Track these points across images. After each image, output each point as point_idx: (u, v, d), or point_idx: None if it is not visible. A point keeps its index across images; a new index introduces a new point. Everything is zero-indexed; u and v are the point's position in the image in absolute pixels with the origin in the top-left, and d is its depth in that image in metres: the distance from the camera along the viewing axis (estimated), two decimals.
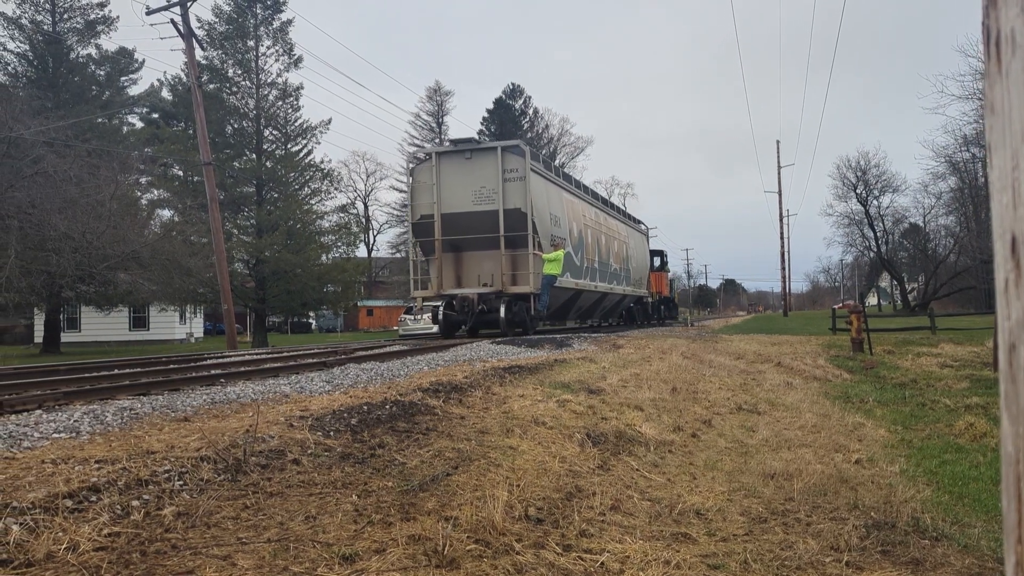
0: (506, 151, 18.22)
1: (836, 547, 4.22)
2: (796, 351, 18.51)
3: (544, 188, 19.12)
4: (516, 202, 17.83)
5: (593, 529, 4.16)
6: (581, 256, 22.18)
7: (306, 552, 3.28)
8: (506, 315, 17.60)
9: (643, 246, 34.27)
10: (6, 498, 3.37)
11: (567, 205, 21.31)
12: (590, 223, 23.82)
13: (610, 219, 27.64)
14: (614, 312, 30.63)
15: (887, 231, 60.62)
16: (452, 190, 18.41)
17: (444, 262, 18.78)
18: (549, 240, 18.59)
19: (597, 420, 7.15)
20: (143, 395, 7.41)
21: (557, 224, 19.81)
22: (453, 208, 18.38)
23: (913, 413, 10.62)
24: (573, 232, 21.49)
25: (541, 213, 18.40)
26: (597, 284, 24.07)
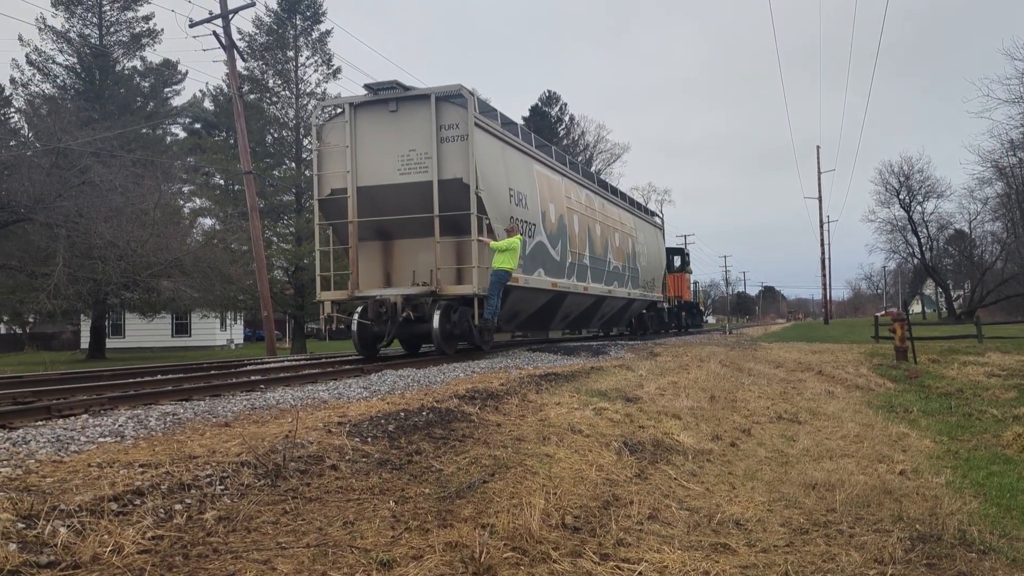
0: (443, 101, 13.27)
1: (880, 560, 4.13)
2: (837, 359, 18.21)
3: (498, 153, 14.28)
4: (455, 170, 13.01)
5: (630, 538, 4.12)
6: (562, 249, 17.34)
7: (344, 558, 3.31)
8: (442, 325, 12.94)
9: (657, 242, 28.93)
10: (54, 501, 3.44)
11: (542, 182, 16.53)
12: (578, 208, 18.99)
13: (610, 206, 22.54)
14: (619, 320, 25.78)
15: (931, 237, 59.36)
16: (372, 155, 13.57)
17: (366, 253, 14.09)
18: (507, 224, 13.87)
19: (634, 428, 7.11)
20: (185, 400, 7.53)
21: (522, 204, 14.99)
22: (373, 179, 13.55)
23: (959, 423, 10.38)
24: (550, 217, 16.60)
25: (493, 186, 13.60)
26: (589, 285, 19.24)
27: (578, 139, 71.58)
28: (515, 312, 15.66)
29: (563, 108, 71.21)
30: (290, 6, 41.68)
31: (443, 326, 13.04)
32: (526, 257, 14.73)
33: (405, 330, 13.47)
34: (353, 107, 13.78)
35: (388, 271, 14.30)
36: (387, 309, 13.12)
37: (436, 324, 12.89)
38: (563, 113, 71.21)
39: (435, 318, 12.89)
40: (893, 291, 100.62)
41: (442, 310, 13.01)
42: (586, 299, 19.73)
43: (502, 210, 13.94)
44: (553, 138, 63.54)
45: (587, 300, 19.89)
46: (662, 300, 29.26)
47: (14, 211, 23.52)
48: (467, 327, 13.37)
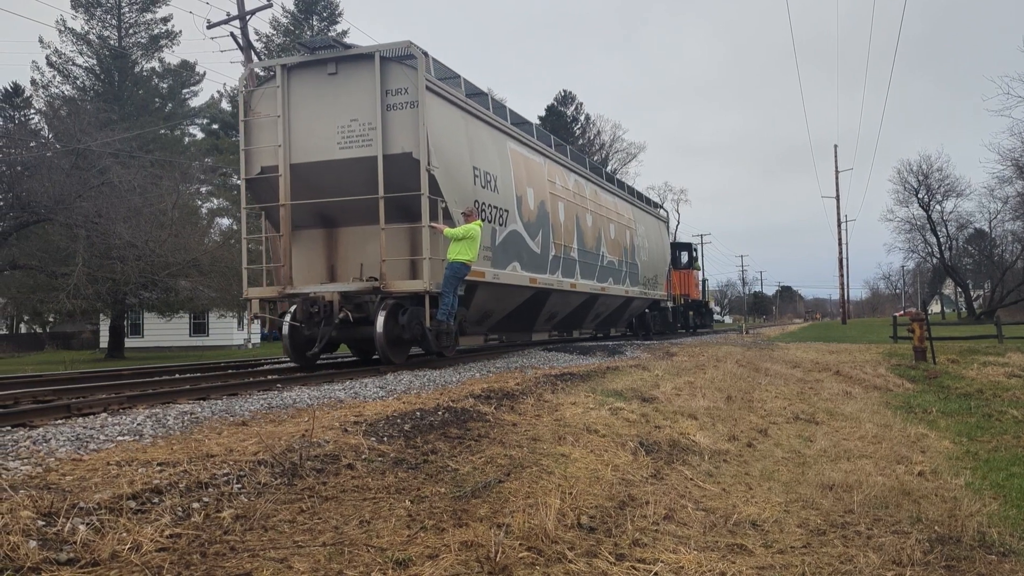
0: (390, 62, 11.30)
1: (898, 562, 4.10)
2: (855, 360, 18.09)
3: (460, 126, 12.33)
4: (404, 143, 11.06)
5: (646, 538, 4.11)
6: (544, 240, 15.27)
7: (360, 556, 3.32)
8: (387, 328, 10.92)
9: (660, 235, 26.79)
10: (74, 498, 3.48)
11: (518, 162, 14.39)
12: (564, 195, 16.91)
13: (604, 194, 20.47)
14: (616, 320, 23.71)
15: (951, 236, 58.81)
16: (309, 126, 11.63)
17: (305, 244, 12.26)
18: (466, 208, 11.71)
19: (650, 428, 7.09)
20: (203, 399, 7.58)
21: (491, 186, 12.96)
22: (309, 155, 11.58)
23: (979, 424, 10.29)
24: (527, 203, 14.53)
25: (451, 163, 11.72)
26: (577, 282, 17.25)
27: (594, 138, 71.53)
28: (486, 312, 13.81)
29: (579, 108, 71.20)
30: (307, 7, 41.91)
31: (388, 329, 10.98)
32: (496, 248, 12.95)
33: (346, 334, 11.60)
34: (286, 69, 11.71)
35: (332, 264, 12.23)
36: (320, 309, 11.05)
37: (379, 327, 10.82)
38: (579, 112, 71.21)
39: (379, 319, 10.85)
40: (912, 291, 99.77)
41: (388, 310, 10.98)
42: (575, 297, 17.70)
43: (463, 192, 11.98)
44: (569, 137, 63.50)
45: (576, 298, 17.92)
46: (666, 299, 27.28)
47: (35, 212, 23.76)
48: (419, 330, 11.22)
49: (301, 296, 11.36)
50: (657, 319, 27.32)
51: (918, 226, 58.41)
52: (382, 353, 11.13)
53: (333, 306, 11.07)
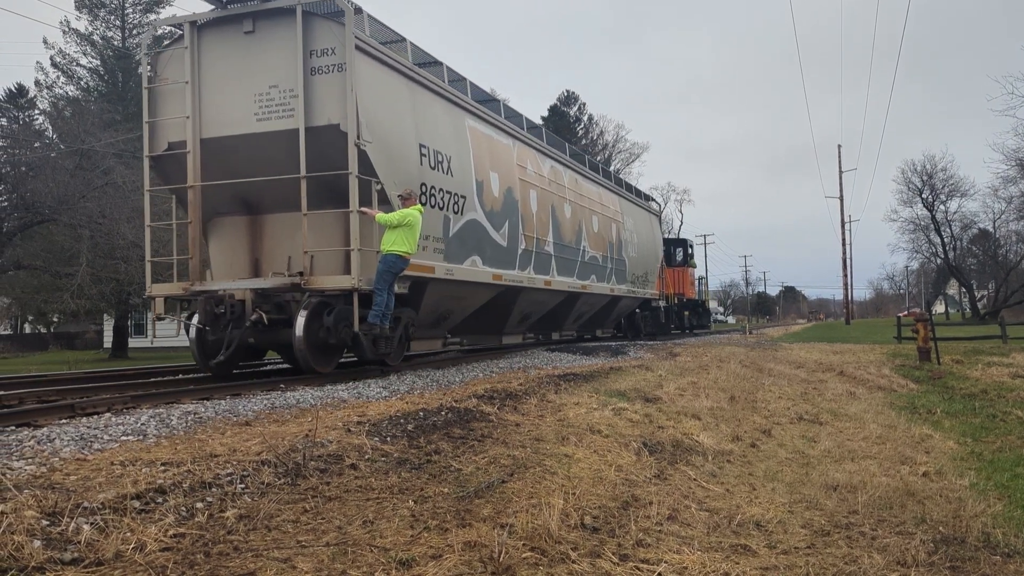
0: (314, 17, 9.73)
1: (903, 562, 4.10)
2: (859, 360, 18.06)
3: (403, 96, 10.57)
4: (330, 113, 9.45)
5: (650, 539, 4.11)
6: (511, 231, 13.48)
7: (364, 556, 3.32)
8: (309, 331, 9.32)
9: (651, 230, 24.87)
10: (78, 498, 3.48)
11: (480, 143, 12.66)
12: (538, 182, 15.00)
13: (586, 183, 18.63)
14: (601, 320, 21.82)
15: (955, 237, 58.70)
16: (222, 94, 9.96)
17: (225, 233, 10.71)
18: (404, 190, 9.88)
19: (654, 429, 7.09)
20: (206, 399, 7.59)
21: (442, 167, 11.23)
22: (223, 127, 9.91)
23: (983, 425, 10.26)
24: (490, 189, 12.77)
25: (389, 138, 10.01)
26: (553, 279, 15.49)
27: (597, 139, 71.50)
28: (443, 313, 12.24)
29: (582, 108, 71.14)
30: None
31: (311, 333, 9.34)
32: (450, 240, 11.36)
33: (266, 338, 9.86)
34: (196, 27, 10.10)
35: (256, 257, 10.52)
36: (228, 309, 9.50)
37: (299, 329, 9.20)
38: (582, 113, 71.15)
39: (298, 321, 9.23)
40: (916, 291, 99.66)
41: (311, 310, 9.37)
42: (551, 296, 16.03)
43: (406, 173, 10.23)
44: (572, 138, 63.48)
45: (553, 297, 16.25)
46: (658, 298, 25.51)
47: (39, 212, 23.80)
48: (344, 334, 9.50)
49: (205, 294, 9.83)
50: (649, 319, 25.86)
51: (922, 226, 58.34)
52: (302, 360, 9.46)
53: (244, 306, 9.54)
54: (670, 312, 28.44)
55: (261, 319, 9.38)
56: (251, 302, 9.57)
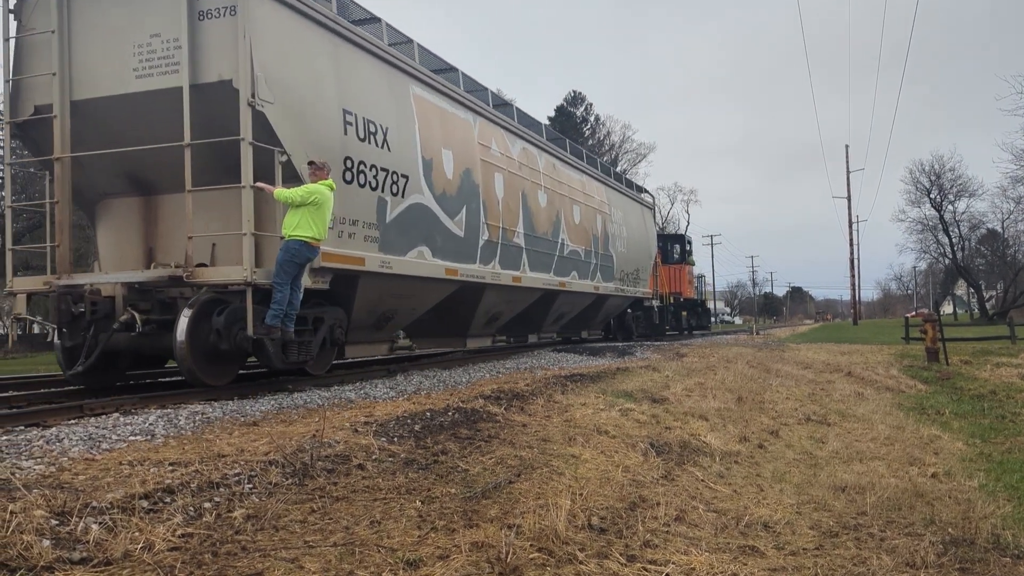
0: None
1: (912, 564, 4.08)
2: (867, 361, 18.00)
3: (319, 49, 8.88)
4: (221, 67, 7.90)
5: (657, 540, 4.10)
6: (471, 220, 11.87)
7: (371, 557, 3.32)
8: (194, 336, 7.72)
9: (643, 224, 22.89)
10: (86, 498, 3.49)
11: (428, 114, 10.93)
12: (504, 164, 13.26)
13: (566, 169, 16.87)
14: (587, 321, 20.02)
15: (963, 237, 58.46)
16: (96, 46, 8.30)
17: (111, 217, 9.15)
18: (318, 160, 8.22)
19: (661, 429, 7.07)
20: (214, 400, 7.61)
21: (377, 140, 9.55)
22: (97, 87, 8.28)
23: (992, 426, 10.21)
24: (442, 169, 11.10)
25: (299, 98, 8.44)
26: (524, 274, 13.80)
27: (603, 139, 71.46)
28: (384, 314, 10.49)
29: (588, 108, 71.10)
30: None
31: (197, 337, 7.74)
32: (388, 227, 9.67)
33: (147, 343, 8.12)
34: None
35: (151, 245, 8.95)
36: (90, 308, 8.00)
37: (181, 333, 7.60)
38: (588, 113, 71.11)
39: (180, 322, 7.65)
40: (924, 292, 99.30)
41: (197, 309, 7.79)
42: (523, 294, 14.29)
43: (325, 143, 8.63)
44: (578, 138, 63.44)
45: (526, 296, 14.45)
46: (651, 296, 23.82)
47: None
48: (237, 340, 7.84)
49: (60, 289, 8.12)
50: (641, 320, 24.38)
51: (930, 226, 58.14)
52: (185, 371, 7.82)
53: (114, 304, 8.09)
54: (665, 312, 26.96)
55: (133, 320, 7.83)
56: (123, 299, 8.08)
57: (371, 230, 9.42)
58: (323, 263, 8.41)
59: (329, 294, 9.03)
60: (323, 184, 7.84)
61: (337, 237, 8.71)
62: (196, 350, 7.74)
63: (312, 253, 7.91)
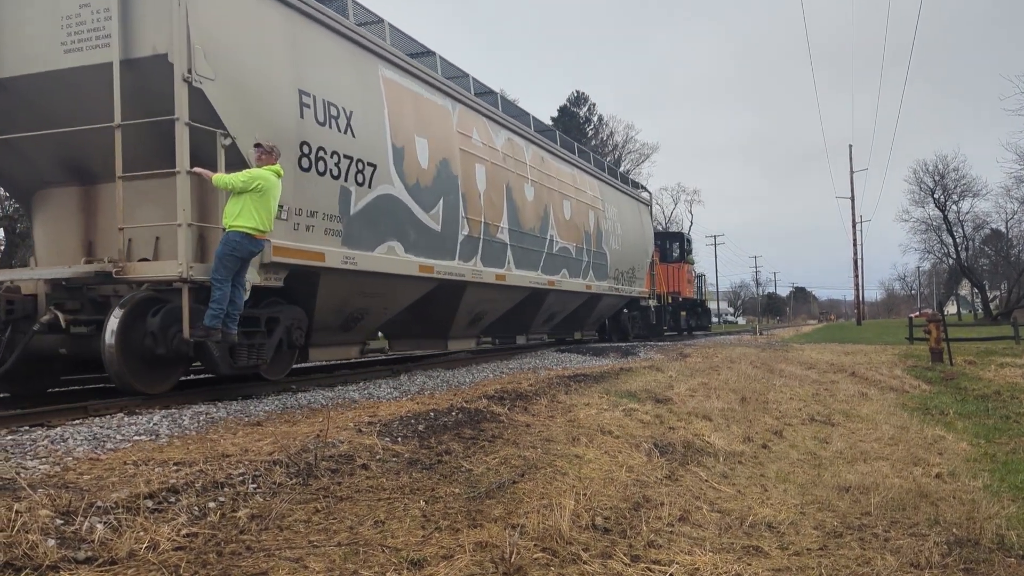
0: None
1: (916, 564, 4.07)
2: (871, 361, 17.98)
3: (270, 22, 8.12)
4: (155, 39, 7.20)
5: (661, 540, 4.10)
6: (449, 213, 11.10)
7: (375, 556, 3.33)
8: (125, 338, 7.00)
9: (639, 221, 22.14)
10: (91, 497, 3.50)
11: (399, 99, 10.08)
12: (486, 155, 12.50)
13: (555, 162, 16.00)
14: (581, 321, 19.28)
15: (967, 237, 58.32)
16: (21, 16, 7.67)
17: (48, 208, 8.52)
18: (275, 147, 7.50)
19: (664, 430, 7.07)
20: (218, 400, 7.62)
21: (339, 125, 8.76)
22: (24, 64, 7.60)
23: (997, 426, 10.19)
24: (415, 158, 10.25)
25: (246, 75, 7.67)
26: (510, 272, 13.11)
27: (607, 139, 71.46)
28: (352, 314, 9.77)
29: (591, 108, 71.09)
30: None
31: (129, 340, 7.00)
32: (352, 219, 8.92)
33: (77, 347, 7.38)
34: None
35: (91, 239, 8.29)
36: (5, 308, 7.39)
37: (110, 336, 6.87)
38: (591, 113, 71.11)
39: (109, 323, 6.91)
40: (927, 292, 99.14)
41: (128, 310, 7.04)
42: (509, 293, 13.52)
43: (279, 127, 7.85)
44: (582, 138, 63.45)
45: (512, 295, 13.72)
46: (648, 296, 22.96)
47: None
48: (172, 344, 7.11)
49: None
50: (638, 320, 23.51)
51: (934, 226, 58.04)
52: (115, 377, 7.05)
53: (35, 304, 7.47)
54: (662, 312, 26.07)
55: (56, 320, 7.10)
56: (45, 298, 7.42)
57: (333, 223, 8.71)
58: (275, 258, 7.73)
59: (286, 292, 8.38)
60: (269, 169, 7.09)
61: (293, 230, 8.07)
62: (127, 354, 7.00)
63: (256, 246, 7.13)
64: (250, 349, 7.74)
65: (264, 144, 7.21)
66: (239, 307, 7.18)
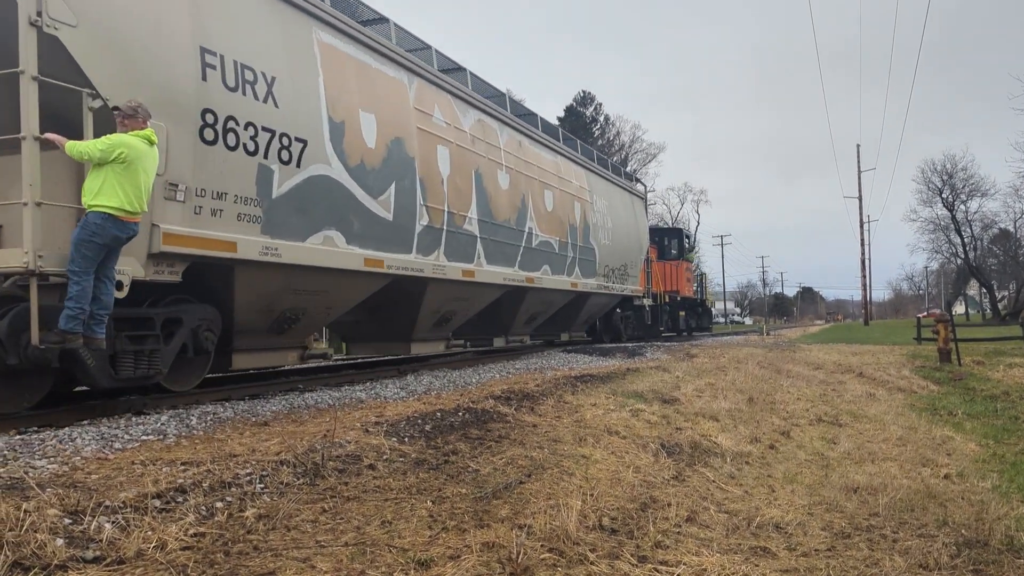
0: None
1: (925, 565, 4.06)
2: (878, 361, 17.92)
3: None
4: None
5: (668, 541, 4.09)
6: (403, 200, 9.75)
7: (382, 556, 3.33)
8: None
9: (632, 215, 20.65)
10: (99, 497, 3.51)
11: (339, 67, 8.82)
12: (453, 136, 11.26)
13: (537, 148, 14.62)
14: (568, 321, 17.71)
15: (975, 237, 58.13)
16: None
17: None
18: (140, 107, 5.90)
19: (671, 430, 7.06)
20: (225, 400, 7.64)
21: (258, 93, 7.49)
22: None
23: (1005, 427, 10.15)
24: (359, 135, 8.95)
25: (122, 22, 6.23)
26: (480, 267, 11.79)
27: (613, 139, 71.41)
28: (285, 314, 8.48)
29: (598, 108, 71.06)
30: None
31: None
32: (276, 202, 7.62)
33: None
34: None
35: None
36: None
37: None
38: (598, 113, 71.07)
39: None
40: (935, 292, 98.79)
41: None
42: (481, 291, 12.27)
43: (175, 88, 6.56)
44: (588, 138, 63.38)
45: (485, 292, 12.47)
46: (642, 295, 21.42)
47: None
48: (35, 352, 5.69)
49: None
50: (632, 320, 22.16)
51: (942, 226, 57.85)
52: None
53: None
54: (658, 312, 24.54)
55: None
56: None
57: (249, 207, 7.38)
58: (167, 247, 6.43)
59: (195, 289, 7.20)
60: (136, 135, 5.75)
61: (193, 214, 6.74)
62: None
63: (123, 230, 5.77)
64: (137, 357, 6.47)
65: (125, 106, 5.81)
66: (106, 306, 5.90)
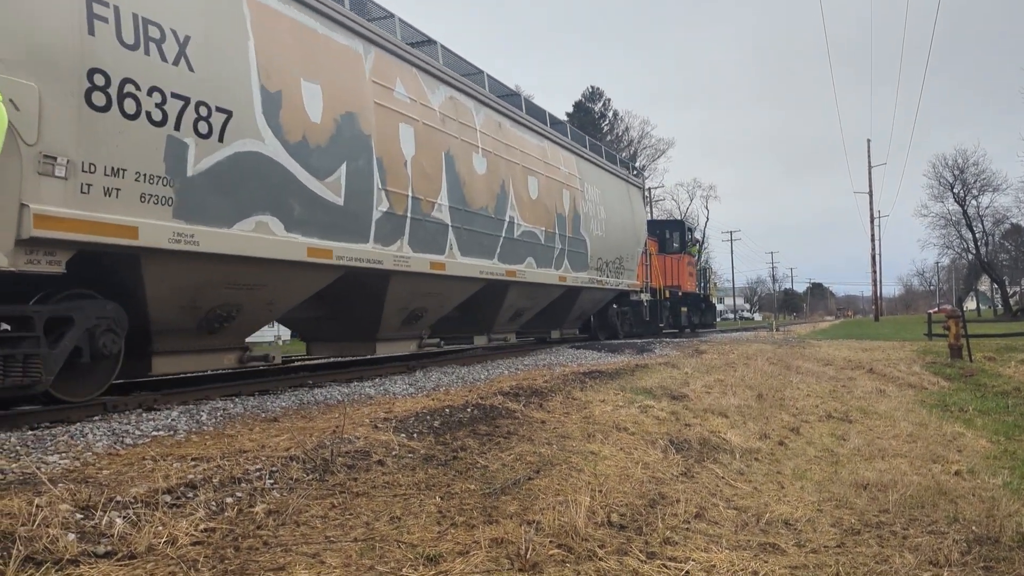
0: None
1: (935, 562, 4.04)
2: (889, 357, 17.83)
3: None
4: None
5: (677, 537, 4.09)
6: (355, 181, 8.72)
7: (391, 552, 3.34)
8: None
9: (628, 205, 19.52)
10: (110, 492, 3.53)
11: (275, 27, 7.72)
12: (418, 114, 10.18)
13: (517, 130, 13.45)
14: (560, 317, 16.66)
15: (987, 232, 57.70)
16: None
17: None
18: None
19: (680, 426, 7.05)
20: (235, 396, 7.66)
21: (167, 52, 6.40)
22: None
23: (1017, 423, 10.09)
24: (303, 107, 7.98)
25: None
26: (453, 260, 10.79)
27: (622, 135, 71.26)
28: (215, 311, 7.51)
29: (607, 104, 70.92)
30: None
31: None
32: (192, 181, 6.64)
33: None
34: None
35: None
36: None
37: None
38: (607, 109, 70.93)
39: None
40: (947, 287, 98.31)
41: None
42: (455, 285, 11.27)
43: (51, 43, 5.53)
44: (597, 134, 63.23)
45: (460, 287, 11.49)
46: (640, 290, 20.45)
47: None
48: None
49: None
50: (629, 317, 20.95)
51: (953, 221, 57.46)
52: None
53: None
54: (657, 308, 23.14)
55: None
56: None
57: (157, 186, 6.35)
58: (39, 232, 5.41)
59: (95, 282, 6.36)
60: None
61: (80, 193, 5.74)
62: None
63: None
64: (8, 363, 5.45)
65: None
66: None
